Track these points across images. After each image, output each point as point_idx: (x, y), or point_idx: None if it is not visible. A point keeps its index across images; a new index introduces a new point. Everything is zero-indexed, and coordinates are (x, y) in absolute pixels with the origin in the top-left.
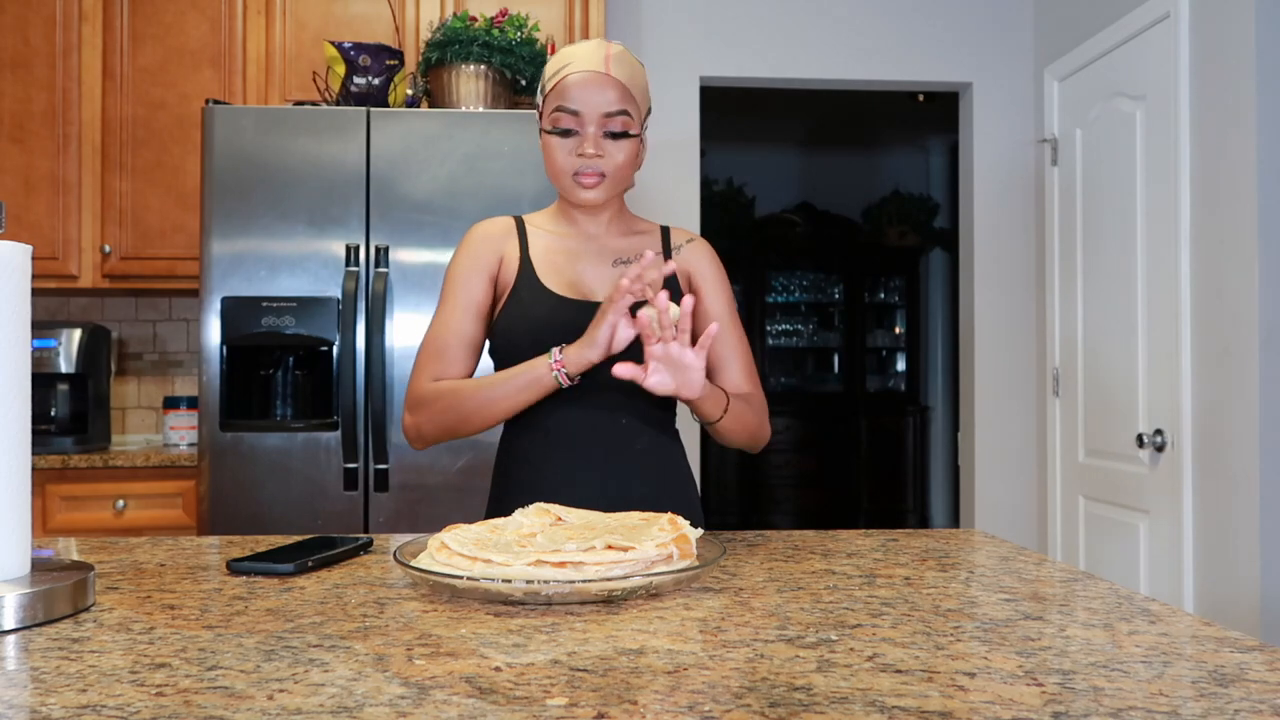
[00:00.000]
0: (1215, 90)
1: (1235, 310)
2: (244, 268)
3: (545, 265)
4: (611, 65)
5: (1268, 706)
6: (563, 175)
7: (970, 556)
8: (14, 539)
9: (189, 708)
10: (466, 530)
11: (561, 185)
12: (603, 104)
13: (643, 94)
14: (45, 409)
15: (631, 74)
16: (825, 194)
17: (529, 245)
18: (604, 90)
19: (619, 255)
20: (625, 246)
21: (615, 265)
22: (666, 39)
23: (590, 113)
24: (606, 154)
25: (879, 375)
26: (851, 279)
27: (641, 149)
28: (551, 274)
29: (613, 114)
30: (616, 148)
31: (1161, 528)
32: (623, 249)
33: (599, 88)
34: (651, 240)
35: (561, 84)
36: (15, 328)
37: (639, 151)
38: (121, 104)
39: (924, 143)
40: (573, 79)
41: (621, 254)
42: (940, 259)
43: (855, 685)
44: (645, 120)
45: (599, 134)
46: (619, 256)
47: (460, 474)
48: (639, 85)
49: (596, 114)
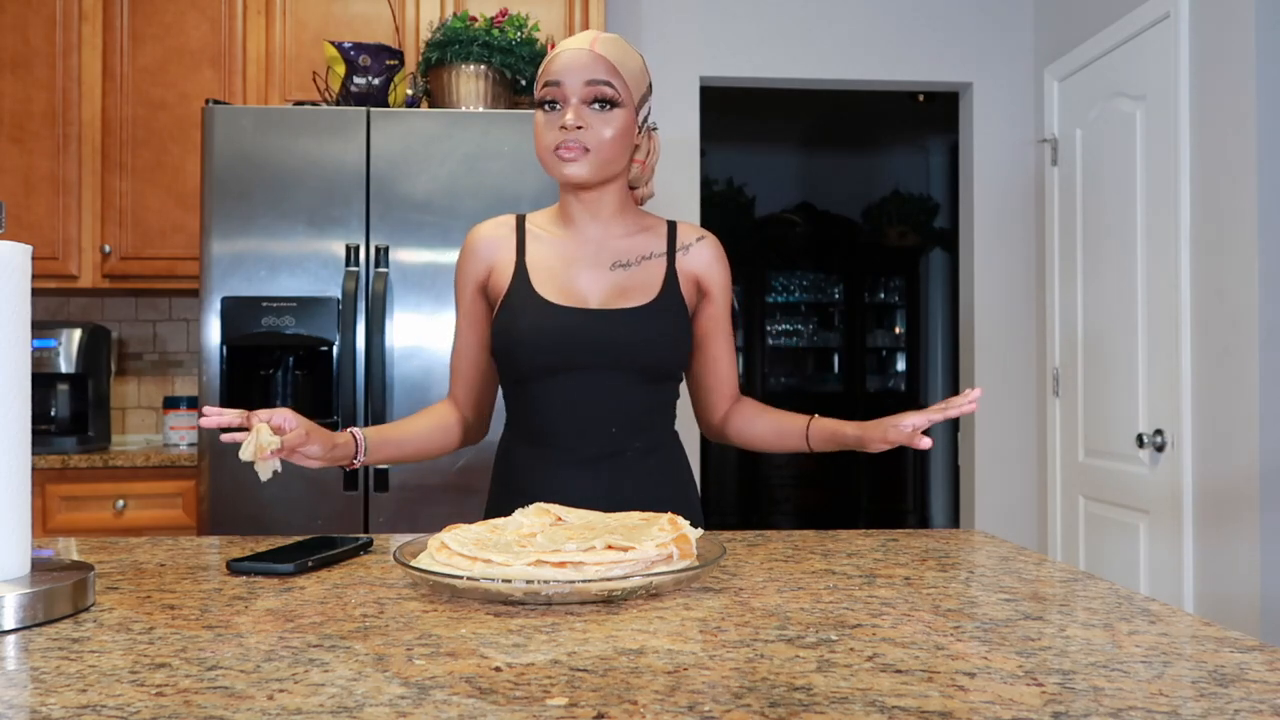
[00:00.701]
0: (1215, 90)
1: (1235, 310)
2: (244, 268)
3: (540, 270)
4: (597, 44)
5: (1268, 706)
6: (546, 152)
7: (970, 556)
8: (14, 539)
9: (189, 708)
10: (466, 530)
11: (546, 164)
12: (585, 73)
13: (634, 75)
14: (45, 409)
15: (621, 54)
16: (825, 194)
17: (525, 249)
18: (587, 62)
19: (618, 258)
20: (626, 248)
21: (613, 269)
22: (666, 39)
23: (571, 82)
24: (589, 125)
25: (879, 375)
26: (851, 279)
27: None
28: (545, 279)
29: (595, 82)
30: (601, 119)
31: (1161, 528)
32: (623, 251)
33: (582, 60)
34: (655, 238)
35: (548, 64)
36: (15, 328)
37: (631, 130)
38: (121, 104)
39: (924, 143)
40: (558, 56)
41: (621, 256)
42: (940, 259)
43: (855, 685)
44: (643, 104)
45: (581, 104)
46: (618, 259)
47: (460, 474)
48: (629, 66)
49: (578, 83)
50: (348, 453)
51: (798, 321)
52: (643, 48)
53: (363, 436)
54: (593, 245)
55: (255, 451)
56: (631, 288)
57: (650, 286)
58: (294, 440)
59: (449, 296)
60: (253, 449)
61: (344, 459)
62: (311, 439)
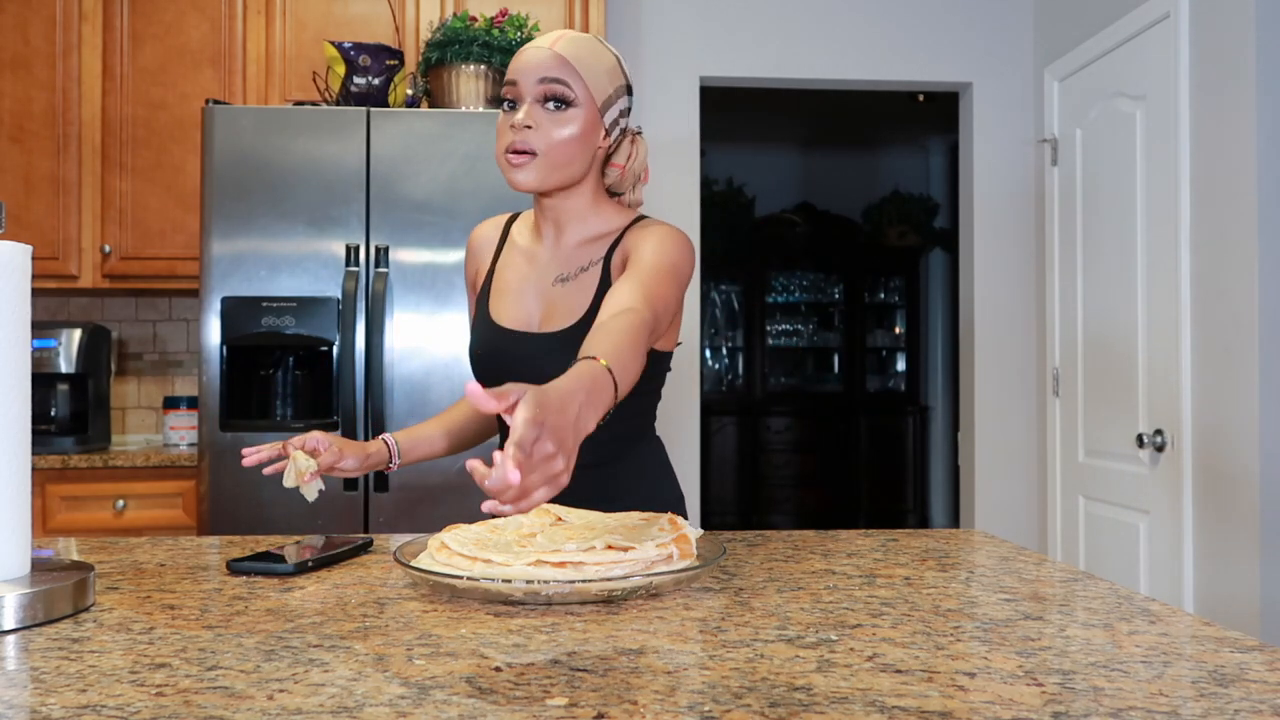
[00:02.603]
0: (1215, 90)
1: (1235, 310)
2: (244, 268)
3: (500, 286)
4: (559, 43)
5: (1268, 706)
6: (500, 156)
7: (970, 556)
8: (14, 539)
9: (189, 708)
10: (466, 530)
11: (501, 168)
12: (540, 71)
13: (598, 74)
14: (45, 409)
15: (584, 53)
16: (825, 194)
17: (499, 259)
18: (543, 60)
19: (562, 270)
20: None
21: (555, 284)
22: (666, 39)
23: (526, 80)
24: (539, 125)
25: (879, 375)
26: (851, 279)
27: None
28: (500, 297)
29: (549, 80)
30: (552, 120)
31: (1161, 528)
32: (569, 262)
33: (539, 59)
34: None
35: (512, 63)
36: (15, 328)
37: (591, 132)
38: (121, 104)
39: (924, 143)
40: (519, 55)
41: (564, 269)
42: (940, 259)
43: (855, 685)
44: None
45: (534, 104)
46: (561, 273)
47: (460, 474)
48: (593, 65)
49: (532, 81)
50: (382, 459)
51: (798, 321)
52: (642, 48)
53: (394, 441)
54: (546, 257)
55: (296, 477)
56: (565, 307)
57: (580, 305)
58: (329, 460)
59: (449, 296)
60: (294, 475)
61: (380, 464)
62: (345, 454)
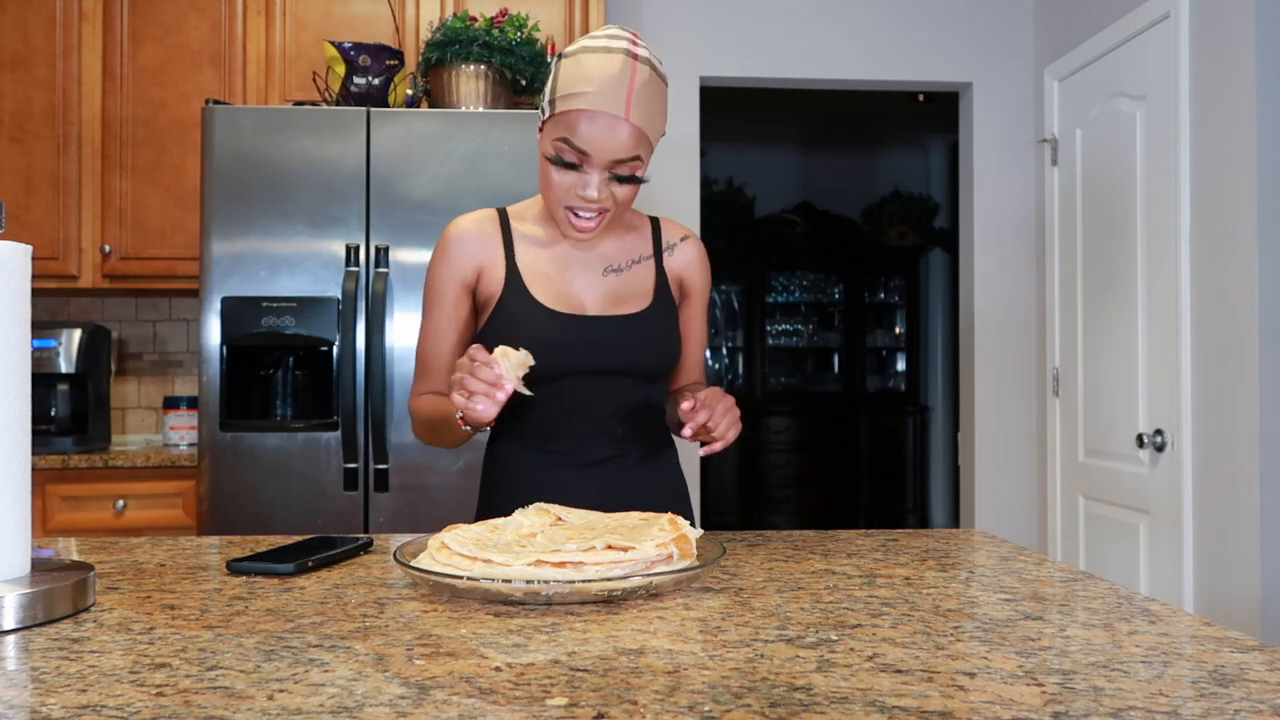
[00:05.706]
0: (1215, 90)
1: (1235, 310)
2: (244, 268)
3: (533, 275)
4: (633, 110)
5: (1268, 706)
6: (558, 208)
7: (970, 556)
8: (14, 539)
9: (189, 708)
10: (466, 530)
11: (555, 215)
12: (614, 150)
13: (659, 128)
14: (45, 409)
15: (651, 115)
16: (825, 194)
17: (515, 251)
18: (618, 135)
19: (609, 262)
20: (616, 251)
21: (606, 274)
22: (666, 39)
23: (599, 157)
24: (610, 195)
25: (879, 375)
26: (851, 279)
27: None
28: (540, 285)
29: (624, 160)
30: (622, 190)
31: (1161, 528)
32: (613, 254)
33: (613, 132)
34: (642, 239)
35: (571, 117)
36: (15, 328)
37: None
38: (121, 104)
39: (924, 143)
40: (585, 118)
41: (612, 260)
42: (940, 259)
43: (855, 685)
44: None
45: (605, 179)
46: (609, 264)
47: (460, 474)
48: (658, 122)
49: (605, 159)
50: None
51: (798, 321)
52: None
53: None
54: (583, 248)
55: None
56: (627, 294)
57: (644, 292)
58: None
59: None
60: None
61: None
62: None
